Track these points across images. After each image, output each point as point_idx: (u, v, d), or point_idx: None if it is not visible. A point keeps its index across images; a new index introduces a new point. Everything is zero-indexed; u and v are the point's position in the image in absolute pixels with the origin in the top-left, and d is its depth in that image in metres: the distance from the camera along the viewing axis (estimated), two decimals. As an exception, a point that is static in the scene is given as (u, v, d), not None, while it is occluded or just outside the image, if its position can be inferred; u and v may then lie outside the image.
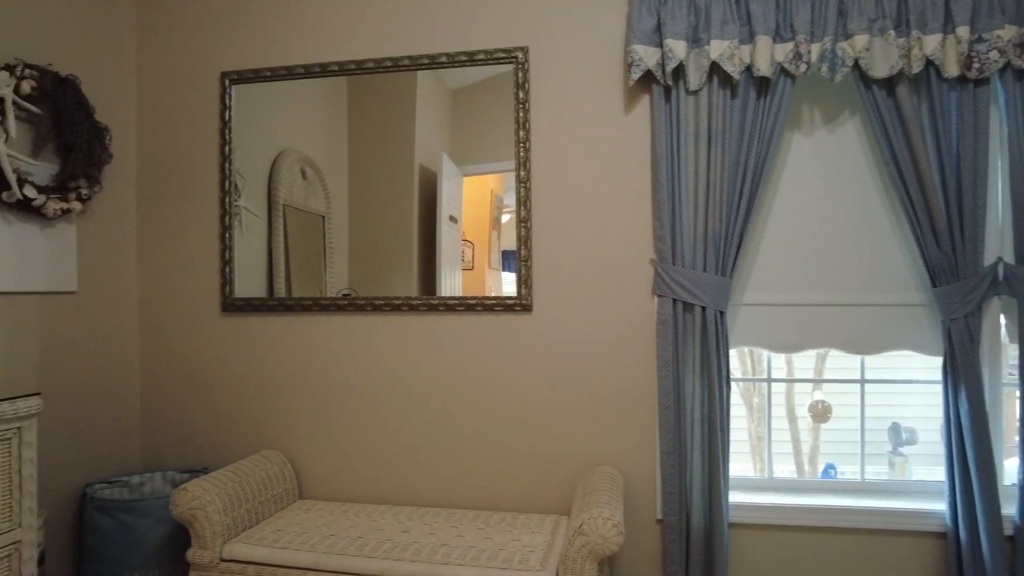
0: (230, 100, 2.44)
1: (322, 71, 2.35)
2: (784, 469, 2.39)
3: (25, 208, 2.02)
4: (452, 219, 2.31)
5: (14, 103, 1.95)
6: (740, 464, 2.30)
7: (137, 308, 2.53)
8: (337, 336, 2.37)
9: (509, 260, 2.27)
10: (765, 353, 2.28)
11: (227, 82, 2.43)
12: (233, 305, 2.43)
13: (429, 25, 2.29)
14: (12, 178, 1.92)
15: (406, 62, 2.29)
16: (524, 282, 2.21)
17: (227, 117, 2.44)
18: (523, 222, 2.21)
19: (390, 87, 2.33)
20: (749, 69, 2.00)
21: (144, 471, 2.45)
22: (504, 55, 2.21)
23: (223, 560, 1.91)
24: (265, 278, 2.43)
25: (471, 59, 2.24)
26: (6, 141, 1.92)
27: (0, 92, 1.91)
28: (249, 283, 2.44)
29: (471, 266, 2.30)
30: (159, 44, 2.51)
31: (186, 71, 2.49)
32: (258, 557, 1.87)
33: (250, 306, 2.41)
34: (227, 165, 2.43)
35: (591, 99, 2.19)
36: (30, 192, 1.99)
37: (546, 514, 2.17)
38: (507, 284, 2.26)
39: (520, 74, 2.20)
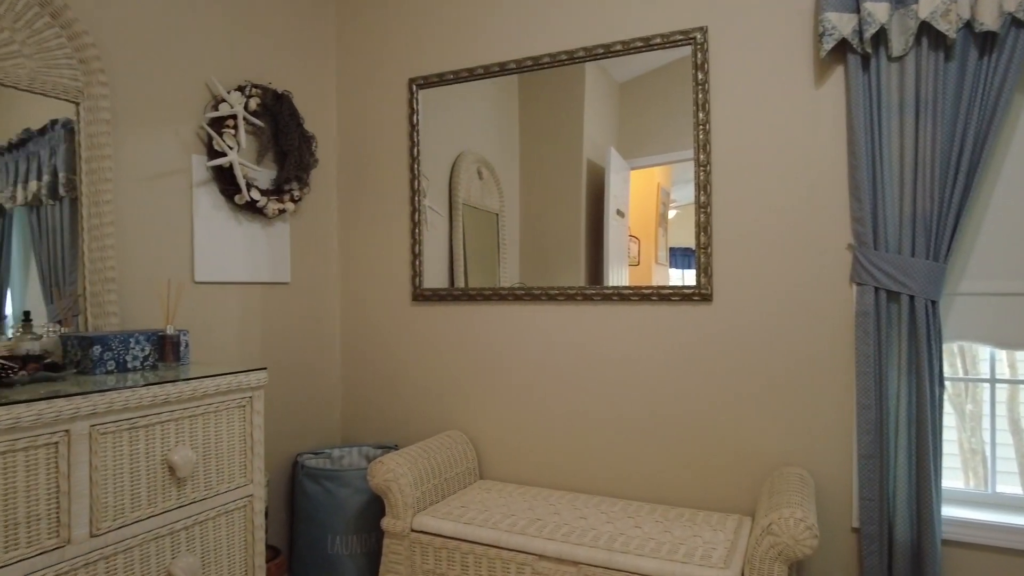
0: (417, 104, 2.62)
1: (500, 70, 2.44)
2: (1007, 486, 2.08)
3: (251, 209, 2.32)
4: (619, 213, 2.29)
5: (244, 118, 2.25)
6: (950, 479, 2.03)
7: (338, 297, 2.80)
8: (513, 324, 2.45)
9: (676, 256, 2.20)
10: (984, 352, 2.00)
11: (414, 87, 2.61)
12: (422, 295, 2.61)
13: (603, 15, 2.29)
14: (243, 183, 2.22)
15: (581, 54, 2.30)
16: (703, 271, 2.13)
17: (415, 121, 2.62)
18: (702, 208, 2.13)
19: (559, 83, 2.37)
20: (969, 25, 1.77)
21: (343, 445, 2.71)
22: (682, 37, 2.15)
23: (413, 530, 2.05)
24: (447, 271, 2.59)
25: (647, 44, 2.20)
26: (238, 151, 2.22)
27: (234, 110, 2.21)
28: (432, 275, 2.60)
29: (637, 261, 2.27)
30: (354, 58, 2.76)
31: (378, 80, 2.71)
32: (445, 530, 1.99)
33: (437, 296, 2.58)
34: (416, 166, 2.61)
35: (776, 75, 2.06)
36: (255, 195, 2.28)
37: (727, 512, 2.08)
38: (674, 281, 2.20)
39: (699, 55, 2.12)
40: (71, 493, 1.33)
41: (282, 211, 2.41)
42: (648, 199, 2.25)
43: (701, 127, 2.13)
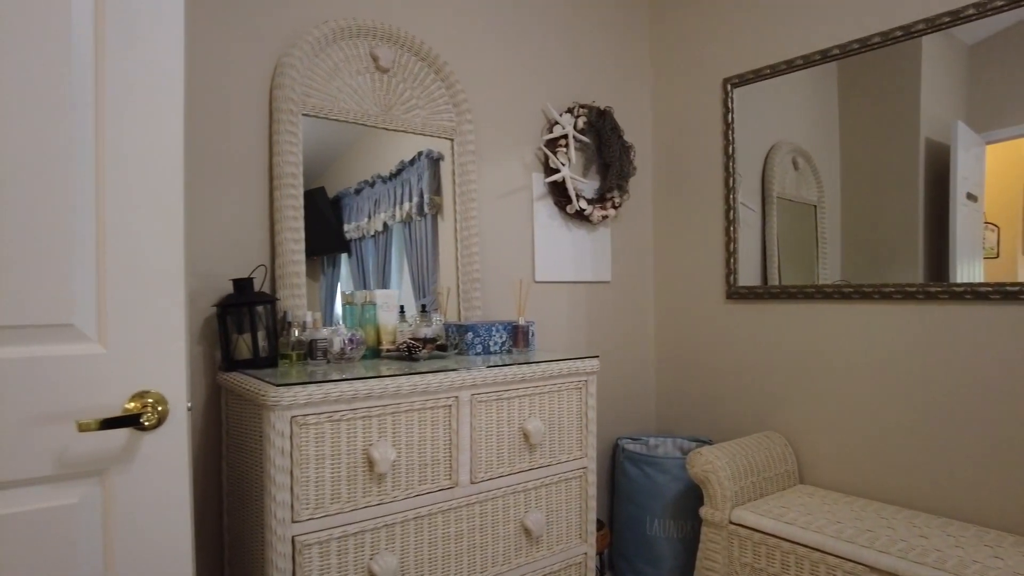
0: (732, 103, 2.65)
1: (822, 58, 2.34)
2: None
3: (579, 217, 2.61)
4: (970, 197, 2.01)
5: (573, 137, 2.54)
6: None
7: (653, 295, 2.97)
8: (836, 324, 2.33)
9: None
10: None
11: (728, 87, 2.65)
12: (737, 293, 2.63)
13: (951, -20, 2.05)
14: (573, 195, 2.51)
15: (921, 26, 2.09)
16: (1093, 265, 1.78)
17: (729, 120, 2.65)
18: (1092, 191, 1.78)
19: (887, 61, 2.17)
20: None
21: (658, 435, 2.86)
22: (1061, -10, 1.82)
23: (731, 523, 2.11)
24: (759, 268, 2.56)
25: (1012, 1, 1.91)
26: (569, 167, 2.52)
27: (565, 130, 2.52)
28: (745, 273, 2.61)
29: (996, 253, 1.96)
30: (668, 67, 2.89)
31: (691, 86, 2.80)
32: (765, 526, 2.00)
33: (753, 294, 2.58)
34: (730, 164, 2.65)
35: None
36: (583, 204, 2.57)
37: None
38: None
39: (1087, 8, 1.77)
40: (458, 446, 1.71)
41: (605, 217, 2.65)
42: (1010, 178, 1.95)
43: (1091, 93, 1.77)
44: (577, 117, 2.58)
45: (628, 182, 2.73)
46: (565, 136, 2.53)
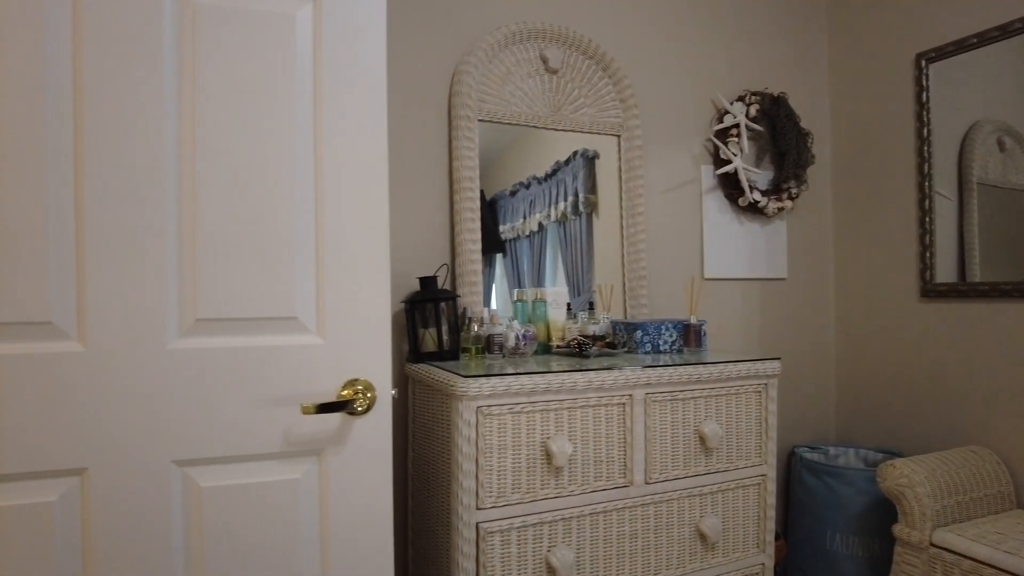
0: (926, 81, 2.38)
1: (1048, 21, 2.04)
2: None
3: (752, 210, 2.49)
4: None
5: (745, 126, 2.42)
6: None
7: (833, 293, 2.75)
8: (1070, 328, 2.02)
9: None
10: None
11: (923, 63, 2.38)
12: (934, 290, 2.37)
13: None
14: (746, 186, 2.40)
15: None
16: None
17: (924, 99, 2.39)
18: None
19: None
20: None
21: (838, 444, 2.65)
22: None
23: (933, 545, 1.90)
24: (955, 263, 2.29)
25: None
26: (741, 157, 2.41)
27: (736, 119, 2.41)
28: (940, 269, 2.33)
29: None
30: (849, 46, 2.66)
31: (877, 64, 2.56)
32: (978, 554, 1.78)
33: (955, 291, 2.30)
34: (925, 148, 2.38)
35: None
36: (756, 196, 2.44)
37: None
38: None
39: None
40: (633, 445, 1.69)
41: (780, 209, 2.50)
42: None
43: None
44: (749, 105, 2.45)
45: (806, 171, 2.55)
46: (736, 125, 2.42)
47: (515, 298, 2.07)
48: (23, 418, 1.04)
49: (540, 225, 2.17)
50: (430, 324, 1.81)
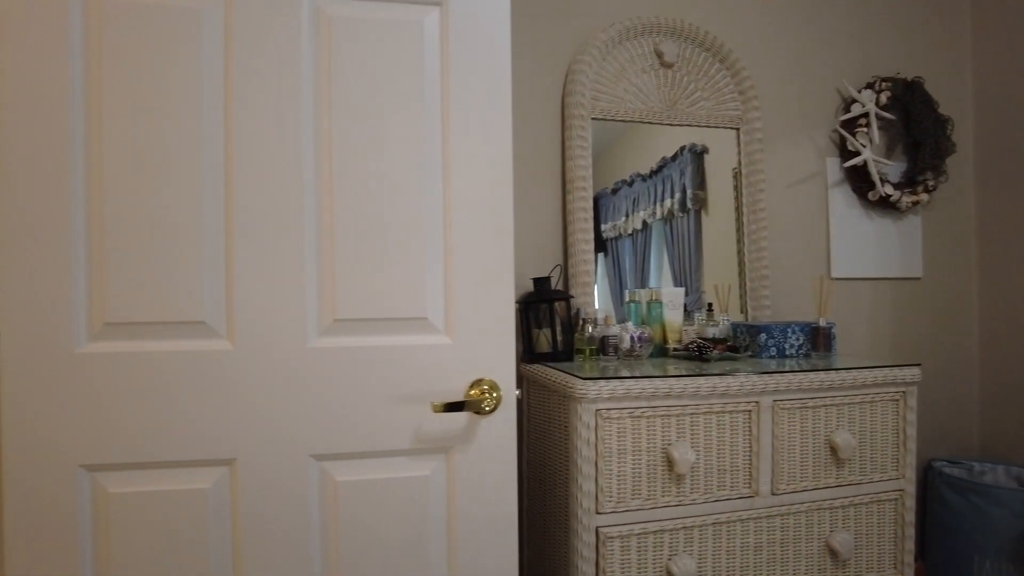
0: (1095, 57, 2.13)
1: None
2: None
3: (883, 204, 2.31)
4: None
5: (875, 115, 2.25)
6: None
7: (976, 293, 2.51)
8: None
9: None
10: None
11: (1091, 37, 2.13)
12: (1104, 291, 2.11)
13: None
14: (876, 179, 2.23)
15: None
16: None
17: (1092, 77, 2.13)
18: None
19: None
20: None
21: (983, 459, 2.41)
22: None
23: (1107, 577, 1.69)
24: None
25: None
26: (870, 148, 2.25)
27: (865, 108, 2.25)
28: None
29: None
30: (996, 24, 2.42)
31: (1035, 40, 2.31)
32: None
33: None
34: (1093, 132, 2.13)
35: None
36: (888, 190, 2.26)
37: None
38: None
39: None
40: (759, 454, 1.61)
41: (915, 203, 2.31)
42: None
43: None
44: (879, 92, 2.28)
45: (944, 162, 2.35)
46: (865, 115, 2.26)
47: (627, 299, 2.03)
48: (182, 410, 1.12)
49: (644, 223, 2.12)
50: (544, 325, 1.80)
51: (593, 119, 2.00)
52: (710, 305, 2.06)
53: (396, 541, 1.20)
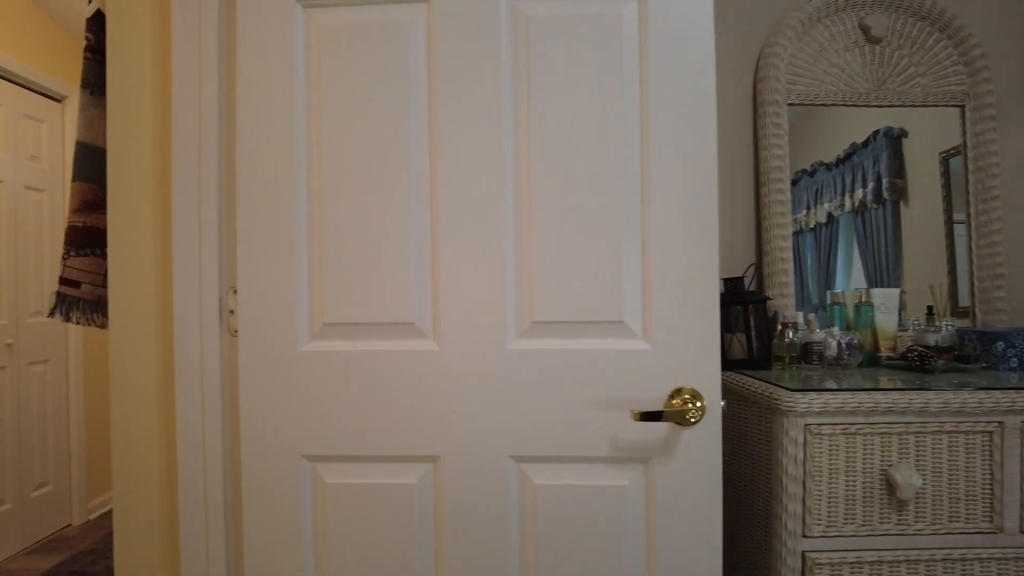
0: None
1: None
2: None
3: None
4: None
5: None
6: None
7: None
8: None
9: None
10: None
11: None
12: None
13: None
14: None
15: None
16: None
17: None
18: None
19: None
20: None
21: None
22: None
23: None
24: None
25: None
26: None
27: None
28: None
29: None
30: None
31: None
32: None
33: None
34: None
35: None
36: None
37: None
38: None
39: None
40: (1003, 483, 1.38)
41: None
42: None
43: None
44: None
45: None
46: None
47: (830, 300, 1.84)
48: (391, 406, 1.17)
49: (829, 216, 1.91)
50: (737, 329, 1.68)
51: (789, 105, 1.84)
52: (930, 308, 1.82)
53: (592, 549, 1.17)
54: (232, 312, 1.23)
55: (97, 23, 1.40)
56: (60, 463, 3.23)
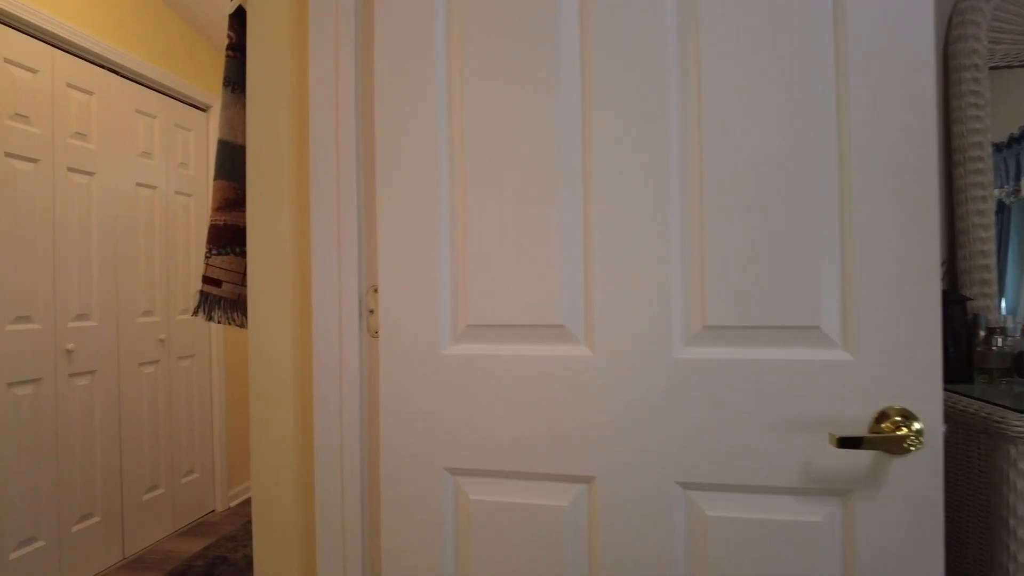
0: None
1: None
2: None
3: None
4: None
5: None
6: None
7: None
8: None
9: None
10: None
11: None
12: None
13: None
14: None
15: None
16: None
17: None
18: None
19: None
20: None
21: None
22: None
23: None
24: None
25: None
26: None
27: None
28: None
29: None
30: None
31: None
32: None
33: None
34: None
35: None
36: None
37: None
38: None
39: None
40: None
41: None
42: None
43: None
44: None
45: None
46: None
47: (1045, 301, 1.54)
48: (540, 418, 1.05)
49: (1001, 204, 1.59)
50: (933, 334, 1.43)
51: (991, 68, 1.55)
52: None
53: (774, 595, 0.99)
54: (372, 312, 1.16)
55: (239, 20, 1.38)
56: (205, 452, 3.42)
